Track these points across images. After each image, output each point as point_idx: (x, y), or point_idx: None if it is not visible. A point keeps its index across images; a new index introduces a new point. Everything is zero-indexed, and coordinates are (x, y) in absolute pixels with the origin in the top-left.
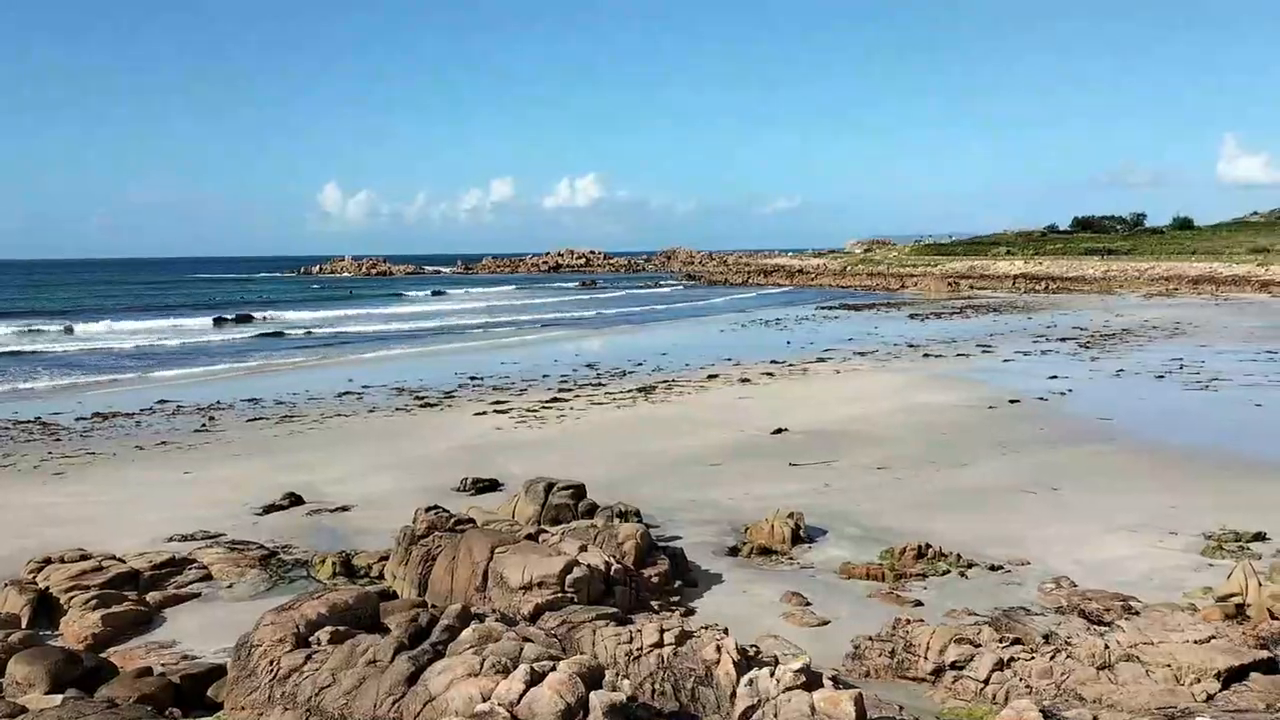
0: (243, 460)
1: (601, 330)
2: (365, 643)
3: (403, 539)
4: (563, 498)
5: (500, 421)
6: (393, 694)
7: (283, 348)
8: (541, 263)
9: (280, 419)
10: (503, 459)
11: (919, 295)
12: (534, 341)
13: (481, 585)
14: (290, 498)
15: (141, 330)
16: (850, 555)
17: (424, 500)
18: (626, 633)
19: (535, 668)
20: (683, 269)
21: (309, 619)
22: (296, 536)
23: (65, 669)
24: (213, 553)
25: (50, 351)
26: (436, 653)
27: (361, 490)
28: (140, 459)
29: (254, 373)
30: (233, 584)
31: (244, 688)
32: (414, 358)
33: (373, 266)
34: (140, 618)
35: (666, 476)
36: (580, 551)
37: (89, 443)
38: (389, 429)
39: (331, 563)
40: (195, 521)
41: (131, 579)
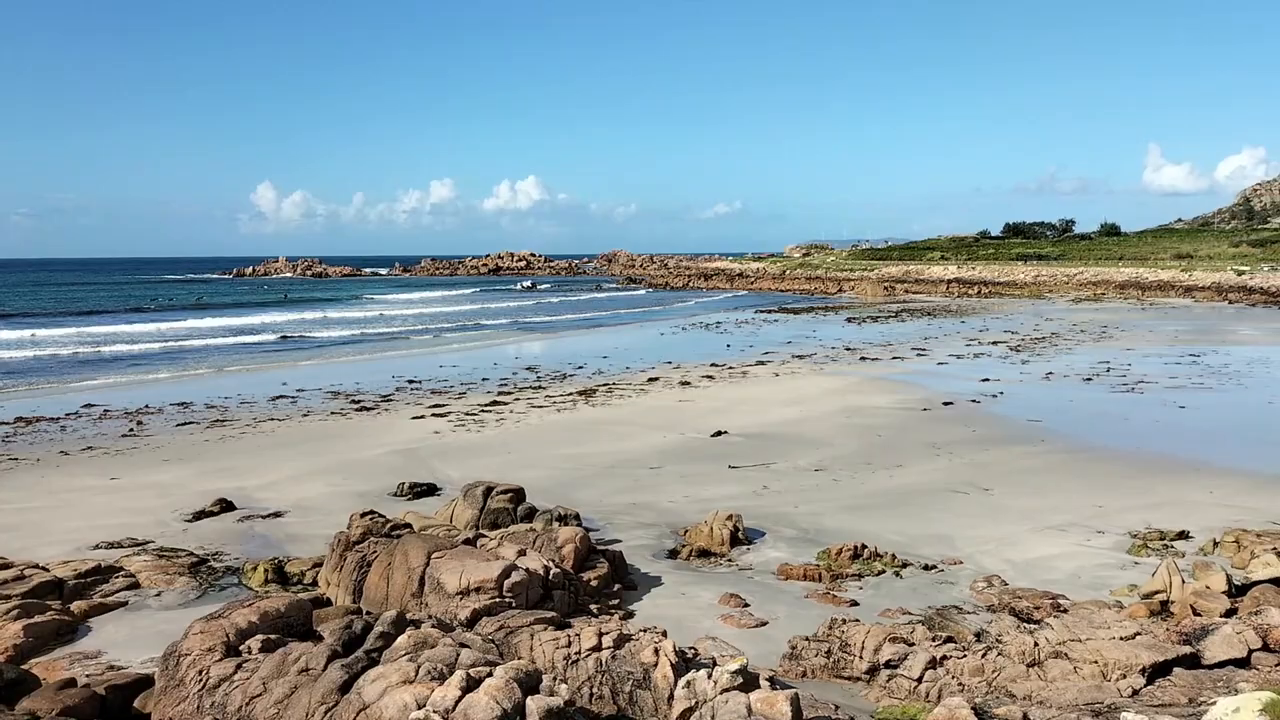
0: (172, 465)
1: (542, 333)
2: (297, 651)
3: (337, 545)
4: (502, 501)
5: (439, 425)
6: (325, 703)
7: (215, 351)
8: (481, 265)
9: (211, 423)
10: (441, 463)
11: (856, 299)
12: (473, 344)
13: (418, 591)
14: (221, 504)
15: (71, 336)
16: (788, 556)
17: (359, 505)
18: (565, 637)
19: (472, 673)
20: (623, 272)
21: (239, 627)
22: (228, 543)
23: None
24: (140, 560)
25: None
26: (371, 660)
27: (295, 496)
28: (65, 465)
29: (183, 377)
30: (161, 592)
31: (172, 698)
32: (350, 361)
33: (309, 268)
34: (64, 628)
35: (606, 480)
36: (519, 556)
37: (11, 448)
38: (324, 433)
39: (264, 570)
40: (122, 529)
41: (55, 588)
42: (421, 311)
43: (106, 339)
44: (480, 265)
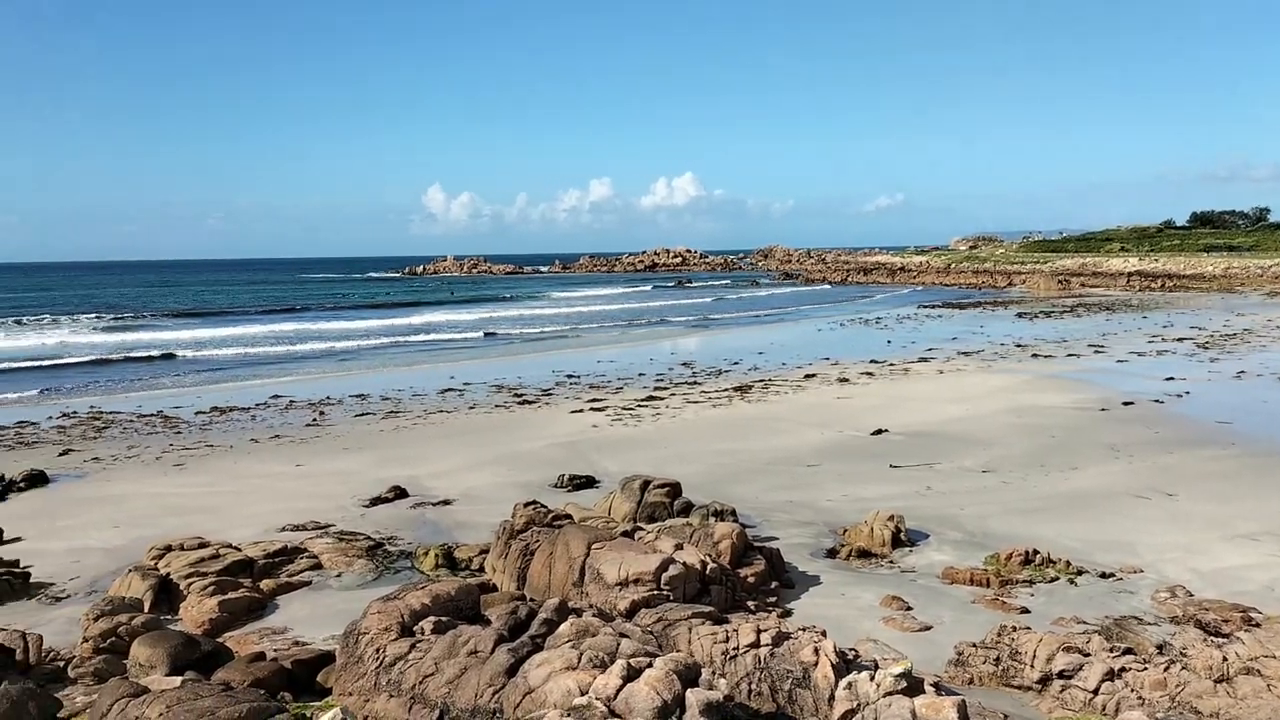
0: (351, 454)
1: (697, 329)
2: (467, 633)
3: (502, 533)
4: (658, 495)
5: (596, 419)
6: (493, 684)
7: (397, 349)
8: (638, 262)
9: (386, 414)
10: (598, 456)
11: (1027, 293)
12: (630, 340)
13: (578, 580)
14: (395, 491)
15: (266, 334)
16: (953, 560)
17: (522, 495)
18: (723, 632)
19: (632, 663)
20: (780, 268)
21: (413, 609)
22: (401, 528)
23: (184, 652)
24: (322, 543)
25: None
26: (535, 645)
27: (462, 485)
28: (255, 451)
29: (362, 370)
30: (341, 573)
31: (351, 674)
32: (512, 356)
33: (474, 266)
34: (254, 604)
35: (763, 476)
36: (676, 550)
37: (207, 435)
38: (488, 425)
39: (434, 555)
40: (306, 512)
41: (246, 567)
42: (579, 310)
43: (298, 336)
44: (636, 262)
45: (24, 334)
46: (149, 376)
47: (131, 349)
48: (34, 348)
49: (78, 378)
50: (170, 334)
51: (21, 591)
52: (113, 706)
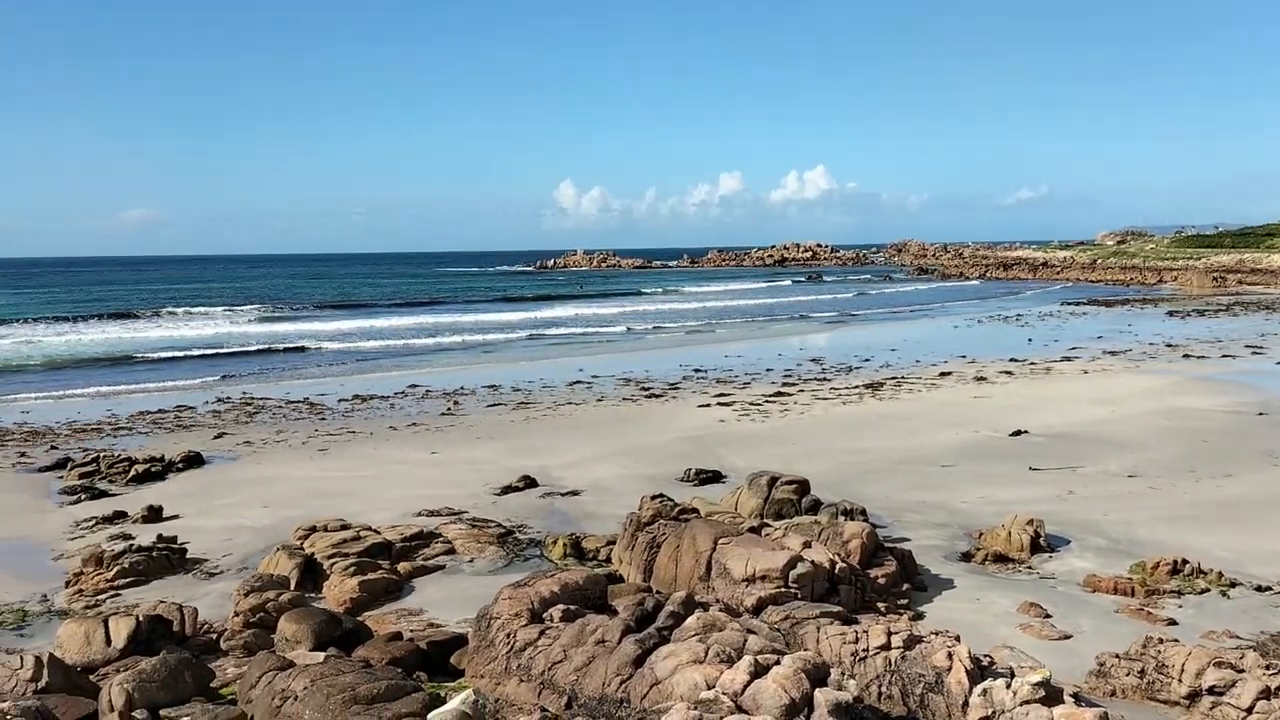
0: (483, 443)
1: (827, 325)
2: (595, 623)
3: (629, 525)
4: (786, 492)
5: (723, 414)
6: (620, 674)
7: (527, 342)
8: (767, 256)
9: (517, 405)
10: (725, 451)
11: (1179, 290)
12: (758, 335)
13: (705, 575)
14: (525, 480)
15: (406, 327)
16: (1095, 567)
17: (649, 488)
18: (852, 632)
19: (759, 660)
20: (914, 262)
21: (543, 596)
22: (531, 517)
23: (327, 629)
24: (456, 528)
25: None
26: (662, 638)
27: (590, 476)
28: (393, 439)
29: (494, 362)
30: (473, 559)
31: (483, 657)
32: (640, 350)
33: (603, 260)
34: (392, 586)
35: (894, 476)
36: (804, 547)
37: (349, 422)
38: (616, 418)
39: (563, 544)
40: (440, 499)
41: (385, 549)
42: (708, 305)
43: (434, 329)
44: (765, 256)
45: (193, 323)
46: (296, 365)
47: (284, 339)
48: (196, 337)
49: (233, 366)
50: (317, 325)
51: (179, 566)
52: (261, 678)
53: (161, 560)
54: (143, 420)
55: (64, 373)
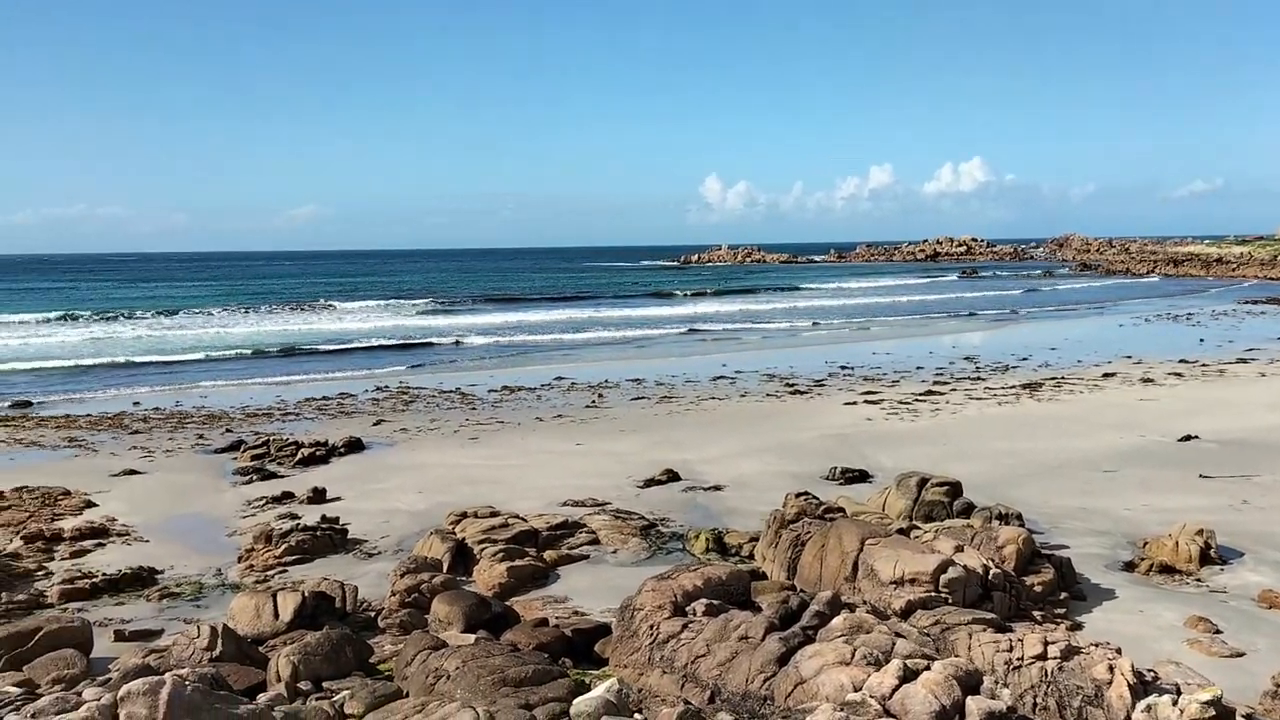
0: (627, 436)
1: (981, 322)
2: (738, 618)
3: (773, 522)
4: (937, 494)
5: (871, 412)
6: (764, 671)
7: (670, 336)
8: (918, 251)
9: (660, 399)
10: (872, 450)
11: None
12: (908, 332)
13: (851, 575)
14: (668, 474)
15: (553, 321)
16: (1272, 582)
17: (792, 485)
18: (1006, 640)
19: (909, 664)
20: (1076, 258)
21: (686, 590)
22: (673, 511)
23: (477, 612)
24: (600, 519)
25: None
26: (807, 637)
27: (733, 471)
28: (539, 429)
29: (637, 356)
30: (617, 550)
31: (627, 647)
32: (784, 346)
33: (748, 255)
34: (538, 572)
35: (1052, 480)
36: (956, 551)
37: (498, 413)
38: (759, 414)
39: (705, 538)
40: (585, 489)
41: (531, 537)
42: (857, 301)
43: (581, 324)
44: (917, 251)
45: (354, 316)
46: (449, 357)
47: (438, 333)
48: (358, 330)
49: (391, 357)
50: (469, 318)
51: (340, 546)
52: (416, 656)
53: (325, 540)
54: (309, 407)
55: (237, 362)
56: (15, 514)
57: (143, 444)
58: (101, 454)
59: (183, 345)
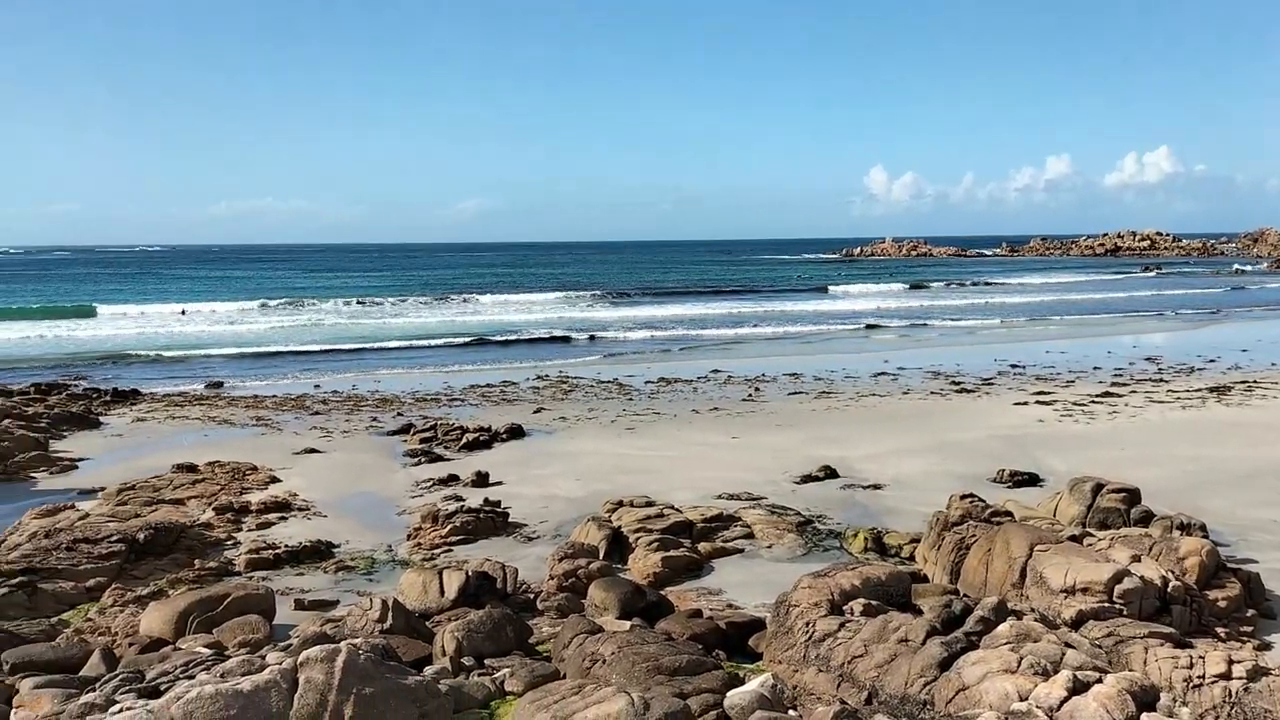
0: (783, 430)
1: (1163, 321)
2: (897, 620)
3: (935, 523)
4: (1112, 501)
5: (1042, 413)
6: (924, 675)
7: (829, 332)
8: (1096, 245)
9: (818, 394)
10: (1043, 453)
11: None
12: (1084, 330)
13: (1018, 582)
14: (825, 470)
15: (711, 314)
16: None
17: (956, 486)
18: (1186, 657)
19: (1079, 676)
20: (1273, 254)
21: (843, 588)
22: (830, 508)
23: (633, 599)
24: (755, 514)
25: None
26: (970, 642)
27: (893, 470)
28: (695, 421)
29: (796, 350)
30: (772, 545)
31: (781, 643)
32: (950, 343)
33: (914, 249)
34: (692, 564)
35: (1240, 490)
36: (1132, 561)
37: (654, 403)
38: (922, 411)
39: (863, 537)
40: (739, 483)
41: (686, 528)
42: (1030, 300)
43: (740, 318)
44: (1095, 246)
45: (517, 308)
46: (606, 348)
47: (600, 325)
48: (523, 321)
49: (551, 348)
50: (627, 311)
51: (501, 529)
52: (573, 640)
53: (487, 522)
54: (473, 393)
55: (408, 351)
56: (208, 486)
57: (322, 424)
58: (285, 433)
59: (360, 334)
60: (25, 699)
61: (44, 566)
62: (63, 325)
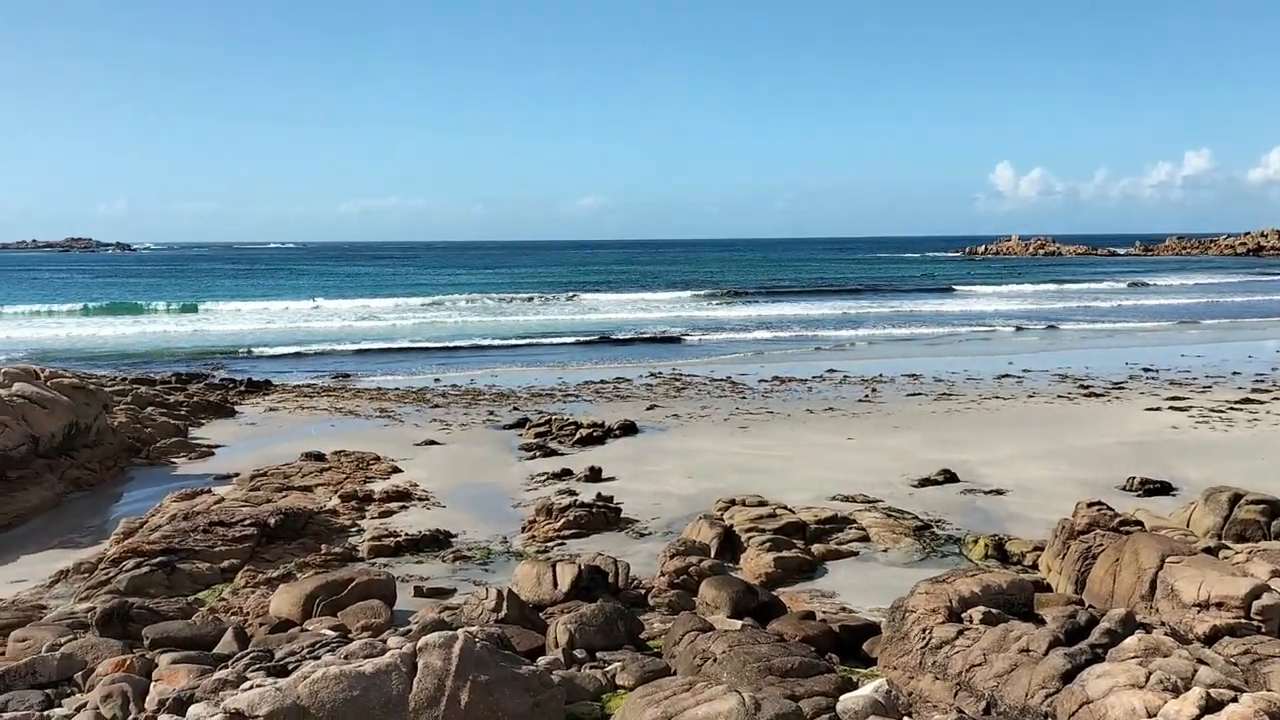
0: (900, 432)
1: None
2: (1019, 629)
3: (1060, 531)
4: (1251, 512)
5: (1176, 419)
6: (1045, 687)
7: (950, 333)
8: (1238, 244)
9: (938, 396)
10: (1176, 461)
11: None
12: (1223, 333)
13: (1147, 594)
14: (945, 474)
15: (827, 314)
16: None
17: (1083, 494)
18: None
19: (1212, 694)
20: None
21: (962, 595)
22: (949, 513)
23: (744, 599)
24: (870, 516)
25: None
26: (1095, 655)
27: (1016, 475)
28: (809, 421)
29: (914, 351)
30: (888, 548)
31: (896, 649)
32: (1078, 346)
33: (1041, 247)
34: (805, 565)
35: None
36: (1272, 576)
37: (768, 402)
38: (1048, 416)
39: (984, 544)
40: (854, 485)
41: (799, 529)
42: (1167, 302)
43: (856, 319)
44: (1236, 245)
45: (630, 307)
46: (720, 347)
47: (715, 323)
48: (642, 320)
49: (663, 346)
50: (743, 310)
51: (614, 524)
52: (684, 637)
53: (599, 517)
54: (587, 389)
55: (523, 348)
56: (334, 475)
57: (441, 417)
58: (406, 424)
59: (477, 330)
60: (164, 672)
61: (182, 547)
62: (201, 318)
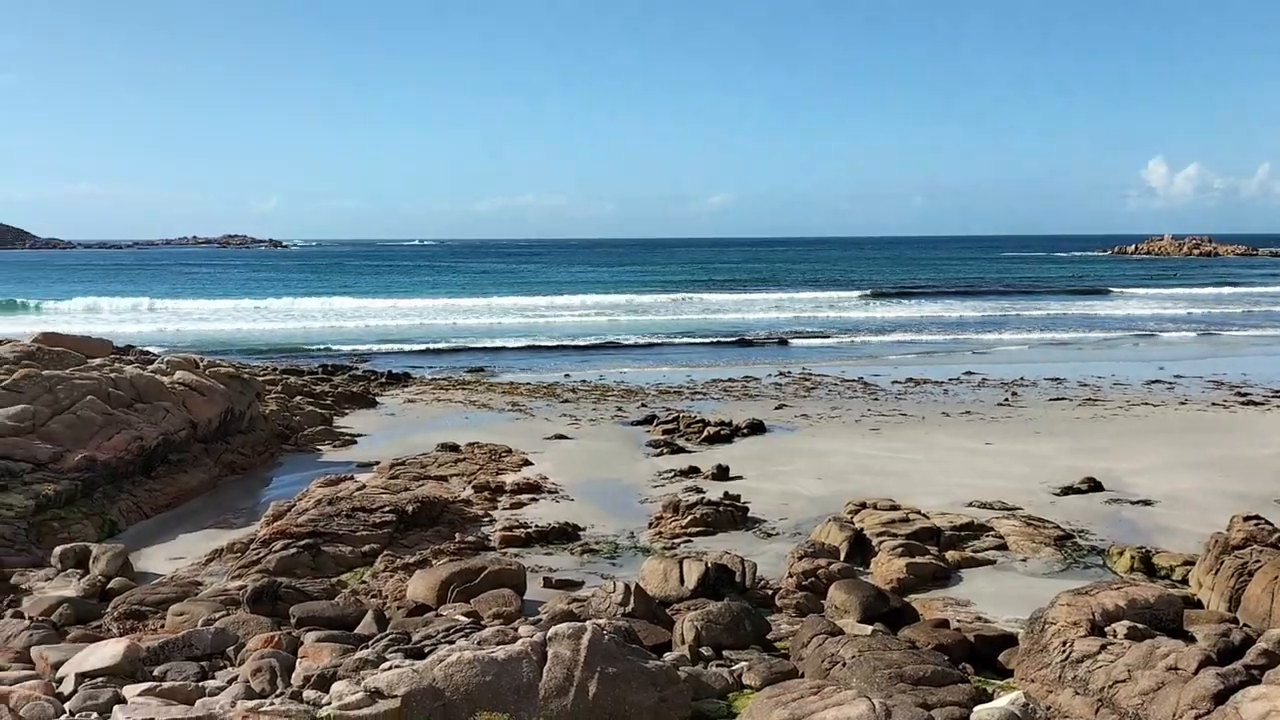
0: (1042, 438)
1: None
2: (1166, 646)
3: (1213, 546)
4: None
5: None
6: (1195, 708)
7: (1095, 337)
8: None
9: (1082, 401)
10: None
11: None
12: None
13: None
14: (1089, 483)
15: (964, 315)
16: None
17: (1239, 507)
18: None
19: None
20: None
21: (1106, 609)
22: (1093, 523)
23: (875, 604)
24: (1009, 524)
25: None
26: (1250, 676)
27: (1165, 486)
28: (945, 424)
29: (1055, 354)
30: (1027, 558)
31: (1035, 662)
32: (1235, 350)
33: (1195, 246)
34: (939, 572)
35: None
36: None
37: (901, 404)
38: (1201, 424)
39: (1130, 556)
40: (992, 491)
41: (933, 535)
42: None
43: (995, 320)
44: None
45: (760, 307)
46: (849, 347)
47: (841, 324)
48: (774, 319)
49: (787, 348)
50: (879, 310)
51: (741, 523)
52: (812, 639)
53: (726, 515)
54: (715, 388)
55: (651, 346)
56: (469, 466)
57: (570, 412)
58: (537, 418)
59: (606, 328)
60: (309, 649)
61: (327, 531)
62: (349, 312)
